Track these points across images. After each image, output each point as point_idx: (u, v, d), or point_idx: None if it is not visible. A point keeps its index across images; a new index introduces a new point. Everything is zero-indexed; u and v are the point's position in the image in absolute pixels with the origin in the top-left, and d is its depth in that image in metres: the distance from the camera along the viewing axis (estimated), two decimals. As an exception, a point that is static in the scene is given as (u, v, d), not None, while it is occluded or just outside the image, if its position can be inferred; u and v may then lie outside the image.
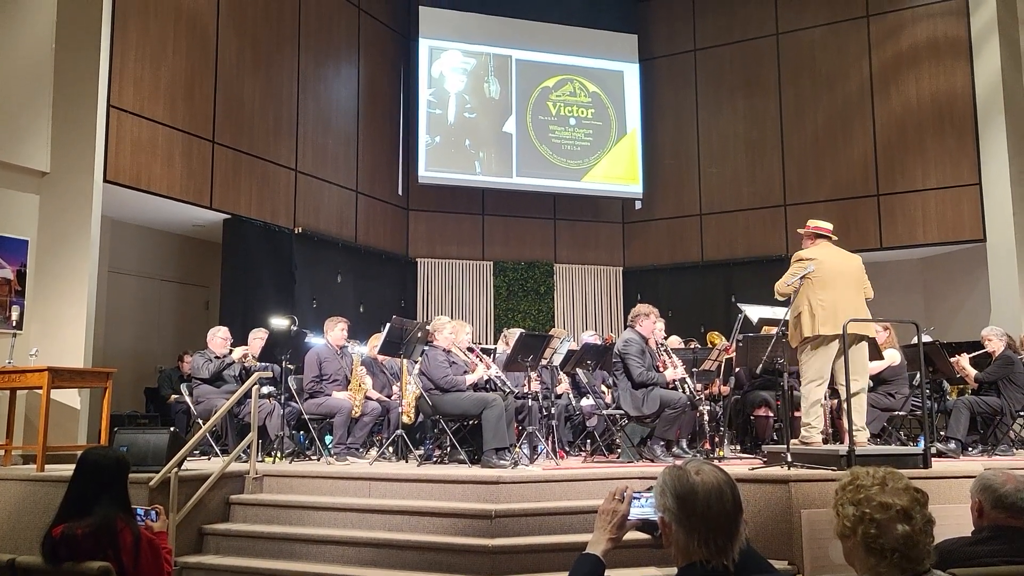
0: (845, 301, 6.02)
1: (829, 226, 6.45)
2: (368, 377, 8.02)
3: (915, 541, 2.05)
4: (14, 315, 7.68)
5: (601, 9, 14.16)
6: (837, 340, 5.98)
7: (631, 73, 14.24)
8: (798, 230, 6.68)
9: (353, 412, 7.54)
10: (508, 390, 7.30)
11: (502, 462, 6.42)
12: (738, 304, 8.47)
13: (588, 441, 8.17)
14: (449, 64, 13.38)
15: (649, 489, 2.20)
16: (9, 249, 7.71)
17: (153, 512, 3.71)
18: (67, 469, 3.82)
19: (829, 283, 6.06)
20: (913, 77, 12.32)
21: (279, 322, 8.53)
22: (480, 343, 10.35)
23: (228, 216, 10.19)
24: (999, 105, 11.30)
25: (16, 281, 7.75)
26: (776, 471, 5.56)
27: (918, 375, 6.99)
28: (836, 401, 7.23)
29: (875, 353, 7.34)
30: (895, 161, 12.37)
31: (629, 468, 6.32)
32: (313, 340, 8.35)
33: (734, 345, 7.75)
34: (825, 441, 6.42)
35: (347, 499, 5.91)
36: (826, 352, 6.09)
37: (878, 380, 7.60)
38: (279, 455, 7.43)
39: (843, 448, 5.64)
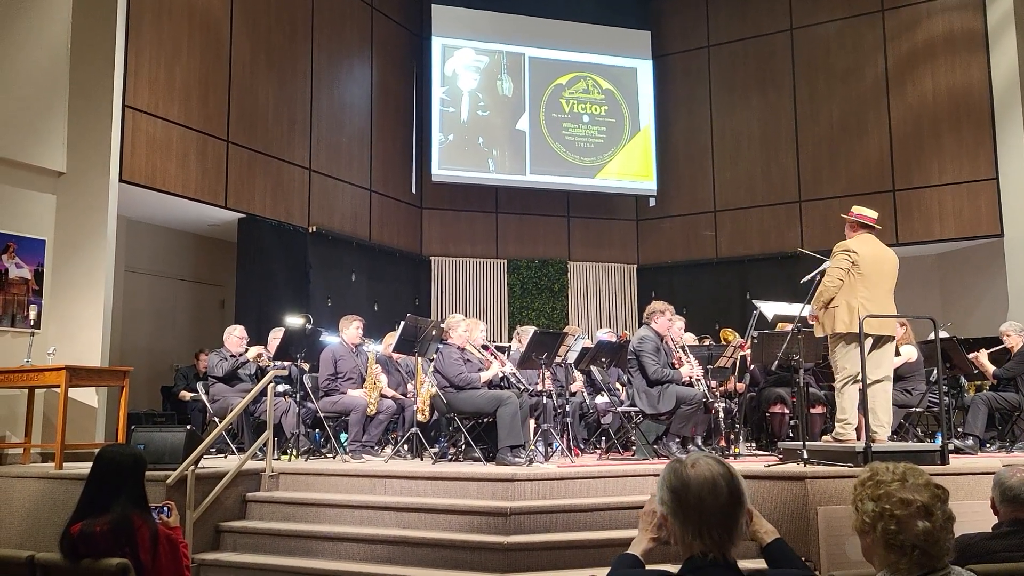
0: (882, 301, 5.91)
1: (874, 215, 6.18)
2: (383, 375, 8.05)
3: (935, 538, 2.03)
4: (32, 314, 7.73)
5: (614, 6, 14.12)
6: (872, 337, 5.89)
7: (644, 70, 14.20)
8: (841, 215, 6.42)
9: (368, 410, 7.56)
10: (523, 388, 7.30)
11: (517, 460, 6.42)
12: (753, 301, 8.43)
13: (603, 438, 8.16)
14: (462, 62, 13.38)
15: None
16: (27, 249, 7.77)
17: (165, 508, 3.73)
18: (85, 467, 3.84)
19: (870, 281, 5.88)
20: (929, 71, 12.23)
21: (294, 321, 8.56)
22: (495, 341, 10.36)
23: (243, 215, 10.23)
24: (1016, 99, 11.20)
25: (34, 281, 7.81)
26: (792, 468, 5.53)
27: (935, 371, 6.94)
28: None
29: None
30: (911, 156, 12.28)
31: (644, 465, 6.31)
32: (328, 338, 8.38)
33: (749, 342, 7.72)
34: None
35: (362, 497, 5.92)
36: (855, 350, 5.99)
37: (895, 377, 7.53)
38: (295, 453, 7.46)
39: (860, 444, 5.60)
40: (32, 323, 7.73)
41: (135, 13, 8.71)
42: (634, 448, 7.33)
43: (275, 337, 8.21)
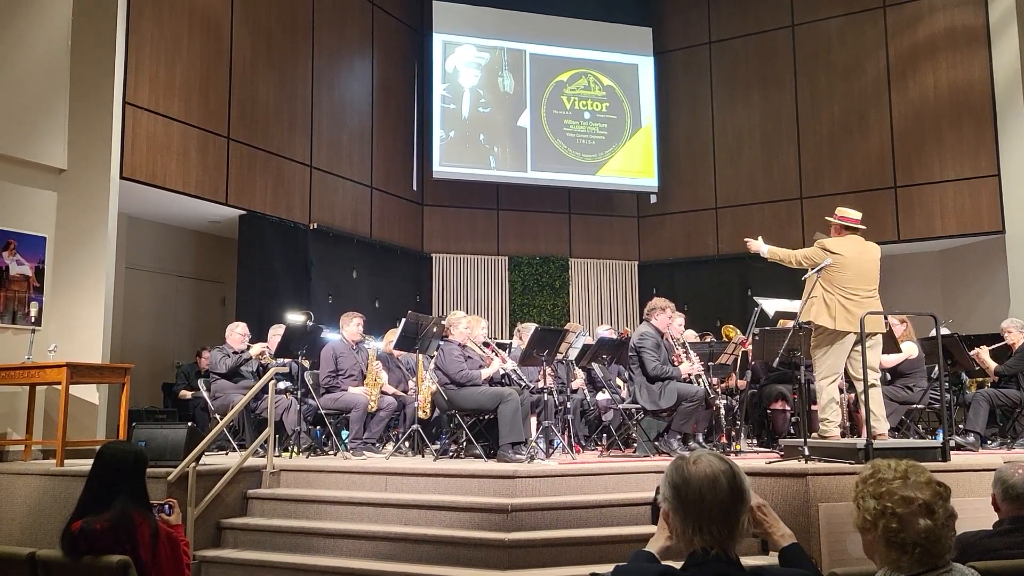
0: (861, 298, 5.98)
1: (857, 216, 6.33)
2: (384, 372, 8.04)
3: (937, 536, 2.03)
4: (33, 311, 7.74)
5: (615, 2, 14.11)
6: (849, 336, 5.98)
7: (646, 66, 14.18)
8: (826, 217, 6.55)
9: (369, 407, 7.56)
10: (524, 385, 7.30)
11: (518, 456, 6.42)
12: (754, 298, 8.43)
13: (604, 435, 8.16)
14: (463, 59, 13.37)
15: None
16: (27, 246, 7.77)
17: (167, 506, 3.72)
18: (86, 464, 3.85)
19: (849, 281, 6.03)
20: (930, 67, 12.21)
21: (295, 318, 8.56)
22: (496, 338, 10.36)
23: (244, 212, 10.23)
24: (1018, 95, 11.18)
25: (35, 278, 7.81)
26: (793, 465, 5.53)
27: (936, 368, 6.93)
28: (853, 395, 7.18)
29: (893, 346, 7.29)
30: (912, 153, 12.26)
31: (645, 462, 6.31)
32: (329, 335, 8.37)
33: (750, 339, 7.71)
34: (843, 435, 6.38)
35: (363, 493, 5.92)
36: (840, 348, 6.06)
37: (896, 373, 7.55)
38: (296, 450, 7.47)
39: (861, 441, 5.60)
40: (33, 320, 7.73)
41: (135, 10, 8.70)
42: (635, 445, 7.33)
43: (276, 334, 8.21)
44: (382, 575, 5.12)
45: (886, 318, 6.52)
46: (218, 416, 7.69)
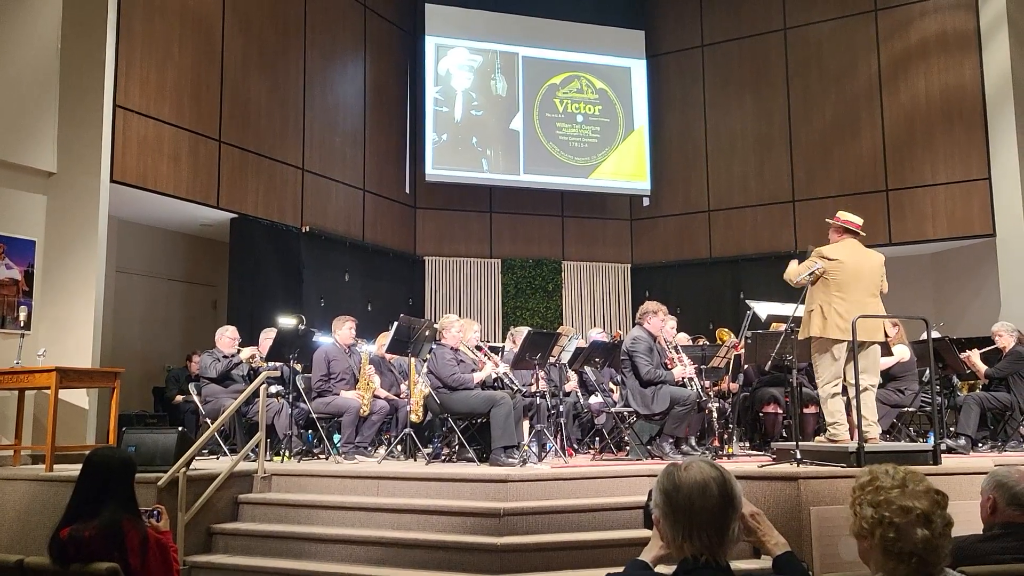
0: (860, 306, 5.86)
1: (859, 221, 6.20)
2: (376, 376, 8.02)
3: (934, 545, 2.02)
4: (22, 315, 7.69)
5: (608, 5, 14.12)
6: (848, 343, 5.91)
7: (638, 69, 14.19)
8: (826, 219, 6.43)
9: (361, 411, 7.53)
10: (516, 388, 7.29)
11: (510, 460, 6.41)
12: (747, 301, 8.44)
13: (597, 439, 8.15)
14: (456, 62, 13.36)
15: None
16: (17, 250, 7.72)
17: (155, 512, 3.70)
18: (76, 469, 3.82)
19: (846, 286, 5.91)
20: (922, 71, 12.25)
21: (287, 321, 8.53)
22: (488, 341, 10.34)
23: (235, 215, 10.19)
24: (1009, 99, 11.22)
25: (24, 282, 7.76)
26: (785, 468, 5.53)
27: (927, 371, 6.95)
28: (846, 398, 7.19)
29: (884, 349, 7.30)
30: (904, 156, 12.30)
31: (638, 466, 6.30)
32: (321, 339, 8.34)
33: (743, 342, 7.72)
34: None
35: (355, 498, 5.90)
36: (839, 353, 6.00)
37: (887, 376, 7.55)
38: (287, 454, 7.43)
39: (852, 445, 5.60)
40: (22, 324, 7.68)
41: (126, 12, 8.66)
42: (628, 448, 7.33)
43: (267, 337, 8.17)
44: (374, 580, 5.10)
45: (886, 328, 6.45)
46: (209, 421, 7.65)
